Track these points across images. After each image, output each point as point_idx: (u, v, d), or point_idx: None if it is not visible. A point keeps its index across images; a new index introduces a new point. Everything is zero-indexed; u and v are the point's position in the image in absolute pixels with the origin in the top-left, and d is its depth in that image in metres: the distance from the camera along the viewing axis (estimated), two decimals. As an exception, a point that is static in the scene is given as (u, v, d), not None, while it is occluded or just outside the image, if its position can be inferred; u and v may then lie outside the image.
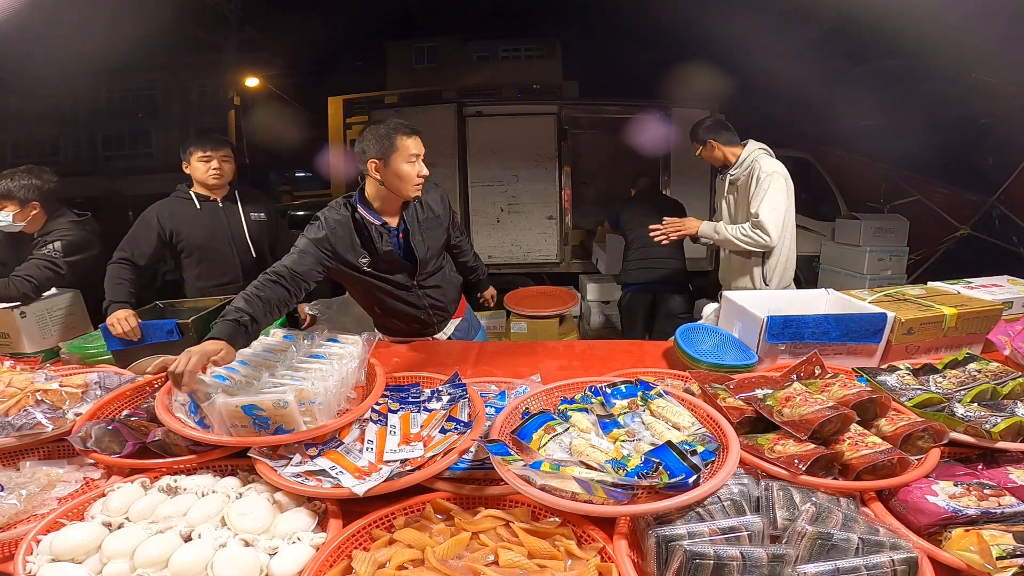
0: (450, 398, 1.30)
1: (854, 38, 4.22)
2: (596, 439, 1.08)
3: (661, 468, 0.93)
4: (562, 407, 1.20)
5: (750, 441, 1.07)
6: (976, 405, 1.15)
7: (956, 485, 0.95)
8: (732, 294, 1.80)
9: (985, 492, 0.92)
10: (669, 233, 2.45)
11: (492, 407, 1.30)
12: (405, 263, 1.82)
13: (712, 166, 2.74)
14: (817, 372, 1.30)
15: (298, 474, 1.05)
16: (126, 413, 1.27)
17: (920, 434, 1.06)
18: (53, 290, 2.05)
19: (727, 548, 0.78)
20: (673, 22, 5.62)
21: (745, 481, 0.96)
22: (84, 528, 0.93)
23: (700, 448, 1.02)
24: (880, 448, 1.00)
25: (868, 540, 0.80)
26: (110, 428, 1.17)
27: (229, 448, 1.13)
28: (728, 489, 0.93)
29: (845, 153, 5.14)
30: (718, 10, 4.74)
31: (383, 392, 1.32)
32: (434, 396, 1.33)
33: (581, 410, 1.18)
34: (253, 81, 8.67)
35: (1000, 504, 0.89)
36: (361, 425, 1.21)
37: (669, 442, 0.99)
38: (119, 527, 0.95)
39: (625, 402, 1.20)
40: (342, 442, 1.16)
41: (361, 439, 1.17)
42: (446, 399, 1.30)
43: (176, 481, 1.06)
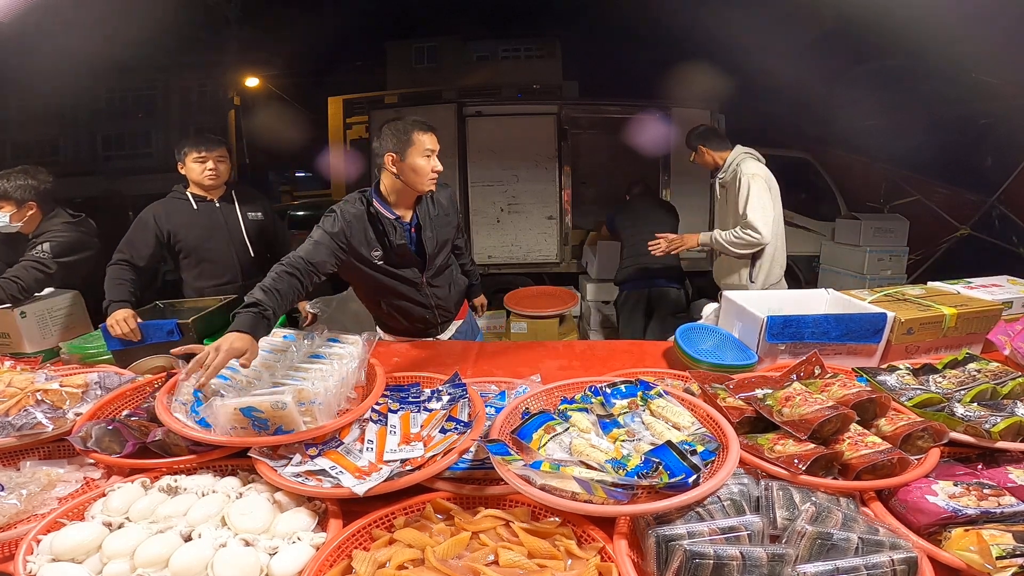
0: (450, 398, 1.30)
1: (854, 38, 4.22)
2: (596, 439, 1.09)
3: (661, 468, 0.93)
4: (562, 407, 1.20)
5: (750, 441, 1.07)
6: (976, 405, 1.15)
7: (956, 485, 0.95)
8: (732, 294, 1.80)
9: (985, 492, 0.92)
10: (667, 249, 2.57)
11: (492, 407, 1.31)
12: (416, 258, 1.85)
13: None
14: (817, 372, 1.30)
15: (298, 474, 1.05)
16: (126, 413, 1.27)
17: (920, 434, 1.06)
18: (52, 290, 2.05)
19: (727, 548, 0.78)
20: (673, 22, 5.63)
21: (745, 481, 0.97)
22: (84, 528, 0.93)
23: (700, 448, 1.02)
24: (880, 448, 1.00)
25: (868, 540, 0.80)
26: (110, 428, 1.17)
27: (229, 448, 1.13)
28: (728, 489, 0.93)
29: (845, 153, 5.14)
30: (718, 10, 4.75)
31: (383, 392, 1.32)
32: (434, 396, 1.33)
33: (581, 410, 1.18)
34: (253, 81, 8.65)
35: (1000, 504, 0.90)
36: (361, 425, 1.21)
37: (669, 442, 0.99)
38: (119, 527, 0.95)
39: (625, 402, 1.21)
40: (342, 442, 1.16)
41: (361, 439, 1.17)
42: (446, 399, 1.30)
43: (176, 481, 1.06)
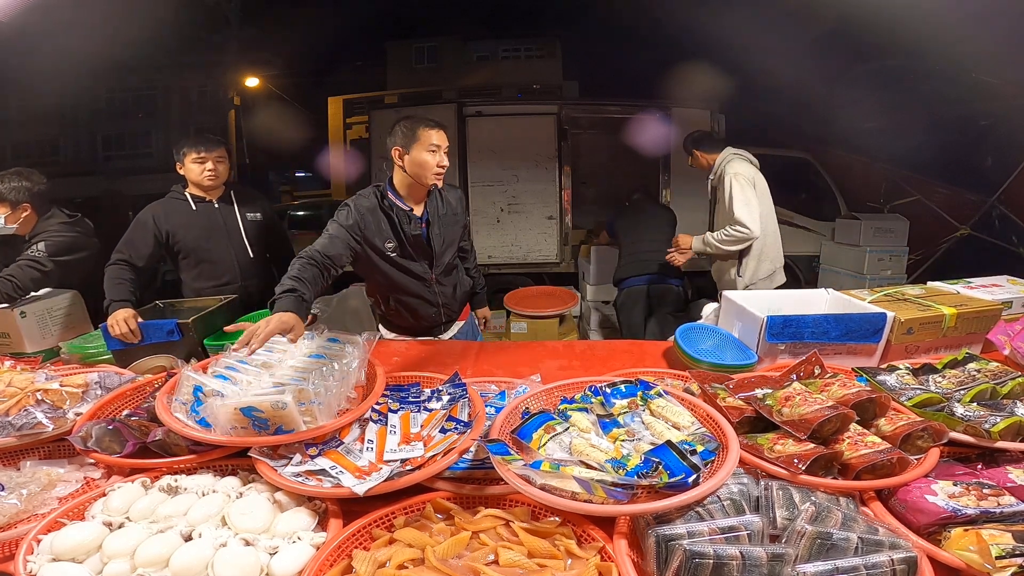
0: (450, 398, 1.30)
1: (854, 38, 4.22)
2: (596, 439, 1.09)
3: (661, 468, 0.93)
4: (562, 407, 1.20)
5: (750, 441, 1.07)
6: (975, 405, 1.15)
7: (955, 485, 0.95)
8: (732, 294, 1.80)
9: (984, 492, 0.92)
10: (680, 259, 2.75)
11: (492, 407, 1.31)
12: (428, 249, 1.87)
13: None
14: (817, 372, 1.30)
15: (298, 474, 1.05)
16: (126, 413, 1.27)
17: (919, 434, 1.06)
18: (52, 290, 2.05)
19: (727, 547, 0.78)
20: (673, 22, 5.63)
21: (745, 481, 0.97)
22: (85, 528, 0.93)
23: (700, 448, 1.02)
24: (879, 448, 1.00)
25: (867, 539, 0.80)
26: (110, 428, 1.17)
27: (229, 448, 1.13)
28: (728, 489, 0.93)
29: (845, 153, 5.14)
30: (718, 10, 4.75)
31: (383, 392, 1.32)
32: (434, 396, 1.33)
33: (581, 410, 1.18)
34: (253, 81, 8.65)
35: (999, 504, 0.90)
36: (361, 425, 1.21)
37: (669, 442, 0.99)
38: (120, 527, 0.95)
39: (625, 402, 1.21)
40: (342, 442, 1.16)
41: (361, 439, 1.17)
42: (446, 399, 1.30)
43: (176, 481, 1.06)
